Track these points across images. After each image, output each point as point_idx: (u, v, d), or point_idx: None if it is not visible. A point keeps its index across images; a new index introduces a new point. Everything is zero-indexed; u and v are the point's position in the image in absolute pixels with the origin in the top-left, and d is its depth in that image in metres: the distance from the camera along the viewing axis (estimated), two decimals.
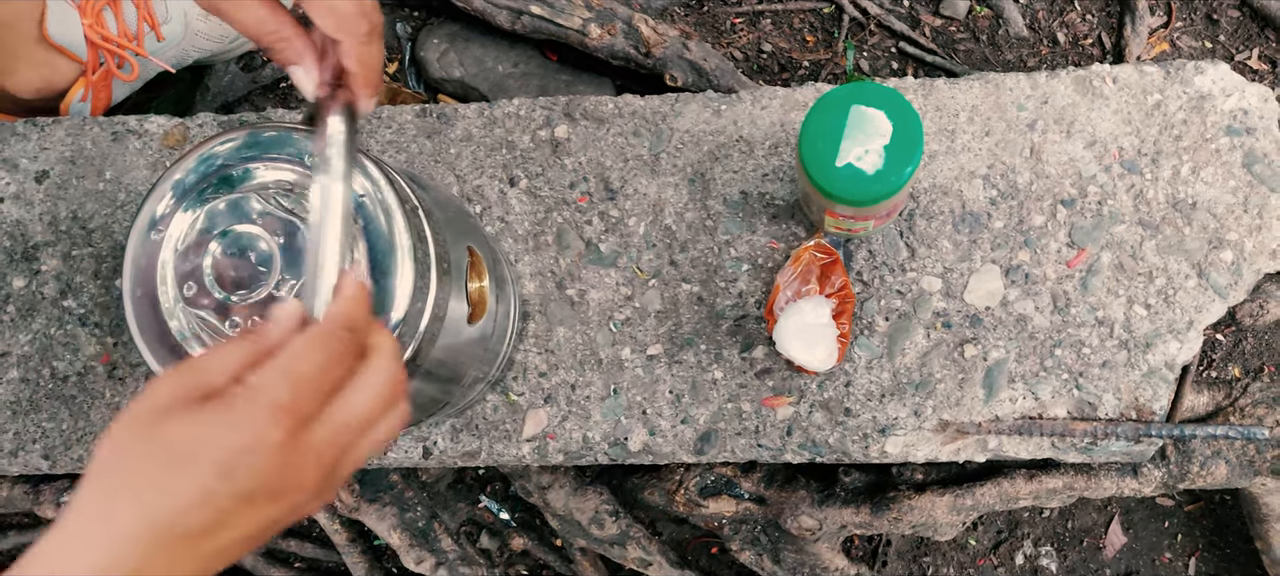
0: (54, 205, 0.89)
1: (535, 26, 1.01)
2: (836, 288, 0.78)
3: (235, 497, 0.43)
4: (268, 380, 0.44)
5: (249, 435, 0.43)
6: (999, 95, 0.82)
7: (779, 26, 1.10)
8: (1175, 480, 0.86)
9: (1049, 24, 1.07)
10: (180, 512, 0.42)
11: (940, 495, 0.89)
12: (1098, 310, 0.80)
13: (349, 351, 0.47)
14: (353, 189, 0.54)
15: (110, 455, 0.43)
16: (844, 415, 0.81)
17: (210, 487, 0.42)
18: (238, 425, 0.43)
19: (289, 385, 0.44)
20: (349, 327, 0.48)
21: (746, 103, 0.85)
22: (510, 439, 0.84)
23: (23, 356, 0.87)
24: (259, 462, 0.43)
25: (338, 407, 0.46)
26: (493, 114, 0.87)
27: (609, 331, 0.83)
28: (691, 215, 0.84)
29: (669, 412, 0.82)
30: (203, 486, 0.42)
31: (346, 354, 0.47)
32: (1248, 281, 0.79)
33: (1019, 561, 1.08)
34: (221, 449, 0.43)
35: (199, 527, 0.42)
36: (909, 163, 0.69)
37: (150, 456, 0.43)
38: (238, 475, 0.43)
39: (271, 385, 0.44)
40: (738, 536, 0.97)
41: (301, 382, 0.45)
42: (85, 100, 0.95)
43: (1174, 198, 0.80)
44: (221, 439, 0.43)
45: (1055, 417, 0.79)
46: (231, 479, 0.43)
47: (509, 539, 1.07)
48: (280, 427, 0.44)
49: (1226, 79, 0.81)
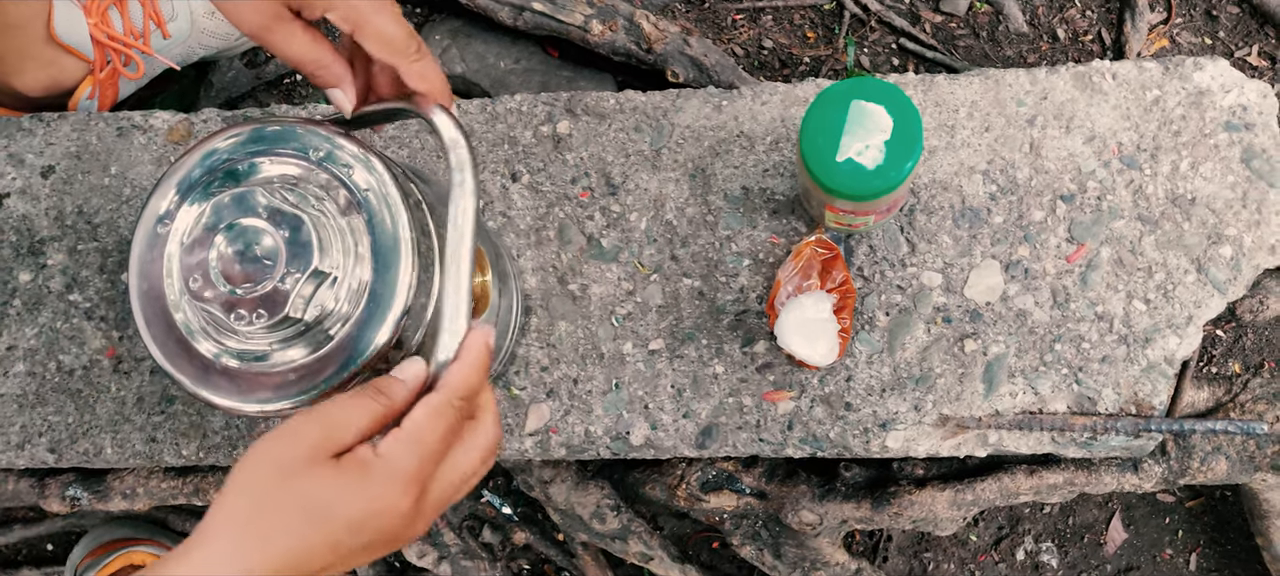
0: (60, 200, 0.89)
1: (537, 23, 1.01)
2: (837, 283, 0.78)
3: (358, 549, 0.49)
4: (398, 453, 0.50)
5: (383, 503, 0.49)
6: (999, 91, 0.83)
7: (780, 23, 1.10)
8: (1176, 476, 0.86)
9: (1049, 20, 1.08)
10: (308, 558, 0.48)
11: (941, 490, 0.89)
12: (1097, 305, 0.80)
13: (466, 418, 0.53)
14: (469, 202, 0.57)
15: (247, 494, 0.48)
16: (845, 410, 0.81)
17: (340, 541, 0.48)
18: (373, 494, 0.49)
19: (418, 457, 0.50)
20: (468, 398, 0.53)
21: (747, 98, 0.85)
22: (512, 433, 0.84)
23: (29, 350, 0.88)
24: (387, 524, 0.49)
25: (450, 467, 0.52)
26: (494, 109, 0.87)
27: (610, 326, 0.84)
28: (693, 210, 0.84)
29: (670, 407, 0.83)
30: (334, 540, 0.48)
31: (464, 421, 0.53)
32: (1247, 277, 0.80)
33: (1020, 557, 1.08)
34: (357, 512, 0.48)
35: (320, 568, 0.48)
36: (909, 158, 0.69)
37: (288, 509, 0.48)
38: (366, 532, 0.49)
39: (402, 457, 0.50)
40: (739, 531, 0.97)
41: (428, 455, 0.50)
42: (92, 99, 0.96)
43: (1173, 193, 0.80)
44: (358, 503, 0.48)
45: (1055, 412, 0.80)
46: (360, 534, 0.49)
47: (511, 533, 1.08)
48: (409, 497, 0.49)
49: (1225, 75, 0.81)
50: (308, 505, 0.47)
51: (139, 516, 1.09)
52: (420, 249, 0.60)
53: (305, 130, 0.61)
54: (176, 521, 1.09)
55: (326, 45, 0.60)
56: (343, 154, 0.60)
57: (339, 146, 0.60)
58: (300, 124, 0.61)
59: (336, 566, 0.49)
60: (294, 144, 0.60)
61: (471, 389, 0.53)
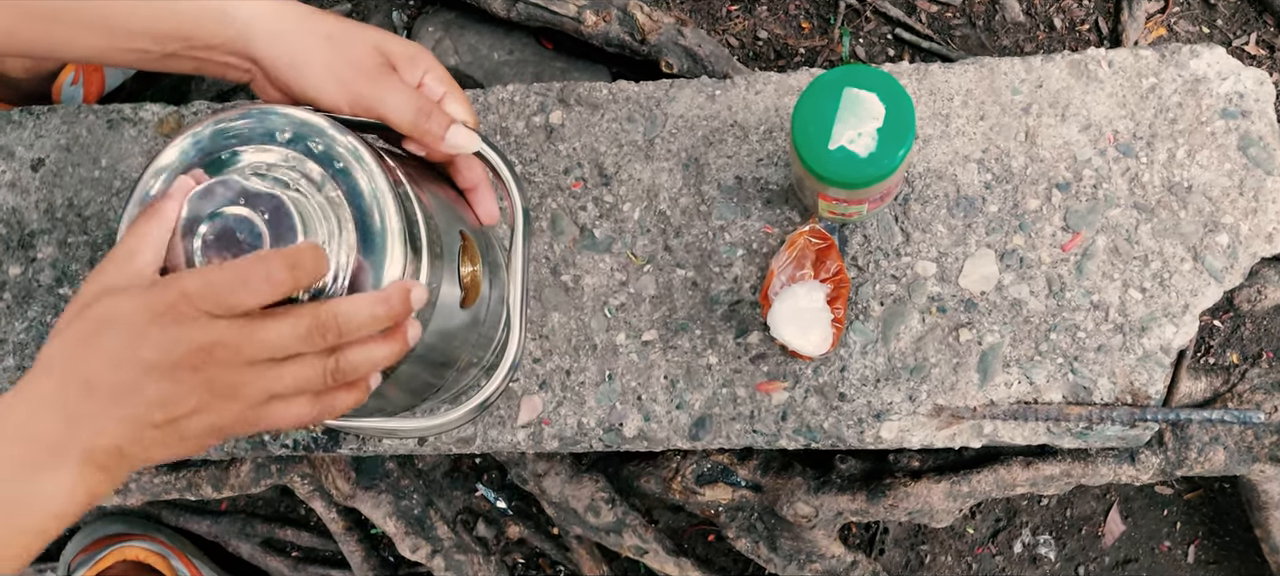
0: (50, 193, 0.89)
1: (530, 14, 1.01)
2: (831, 272, 0.78)
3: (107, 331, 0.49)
4: (188, 273, 0.51)
5: (144, 298, 0.49)
6: (993, 79, 0.82)
7: (774, 13, 1.09)
8: (1173, 467, 0.86)
9: (1045, 9, 1.07)
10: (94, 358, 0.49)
11: (936, 482, 0.89)
12: (1093, 294, 0.79)
13: (326, 348, 0.52)
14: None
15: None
16: (839, 400, 0.81)
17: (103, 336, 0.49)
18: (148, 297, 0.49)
19: (204, 278, 0.50)
20: (288, 266, 0.51)
21: (741, 88, 0.85)
22: (505, 425, 0.84)
23: (19, 344, 0.87)
24: (127, 308, 0.49)
25: (259, 329, 0.51)
26: (486, 100, 0.87)
27: (603, 317, 0.83)
28: (686, 200, 0.84)
29: (664, 398, 0.82)
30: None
31: (316, 334, 0.52)
32: (1244, 265, 0.79)
33: (1017, 549, 1.08)
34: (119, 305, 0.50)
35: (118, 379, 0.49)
36: (902, 145, 0.68)
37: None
38: (104, 312, 0.49)
39: (189, 276, 0.50)
40: (734, 524, 0.97)
41: (223, 287, 0.49)
42: (76, 84, 0.95)
43: (1169, 181, 0.80)
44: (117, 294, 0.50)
45: (1050, 402, 0.79)
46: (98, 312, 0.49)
47: (505, 527, 1.07)
48: (168, 292, 0.49)
49: (1222, 62, 0.81)
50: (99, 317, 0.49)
51: (132, 512, 1.08)
52: (408, 238, 0.59)
53: (283, 115, 0.60)
54: (170, 516, 1.09)
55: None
56: (322, 137, 0.59)
57: (316, 130, 0.60)
58: (276, 108, 0.60)
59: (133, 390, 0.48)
60: (275, 131, 0.60)
61: (354, 314, 0.53)
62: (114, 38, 0.60)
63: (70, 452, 0.48)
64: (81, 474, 0.49)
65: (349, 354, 0.54)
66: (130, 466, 0.50)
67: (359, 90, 0.60)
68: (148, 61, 0.61)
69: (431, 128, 0.62)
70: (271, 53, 0.60)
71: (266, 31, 0.60)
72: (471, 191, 0.69)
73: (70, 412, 0.48)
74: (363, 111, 0.61)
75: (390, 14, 1.12)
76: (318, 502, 1.00)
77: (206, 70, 0.63)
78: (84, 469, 0.49)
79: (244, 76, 0.62)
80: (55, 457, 0.48)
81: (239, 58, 0.61)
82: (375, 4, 1.13)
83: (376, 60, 0.61)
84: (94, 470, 0.49)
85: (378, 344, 0.55)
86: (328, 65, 0.60)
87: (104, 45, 0.60)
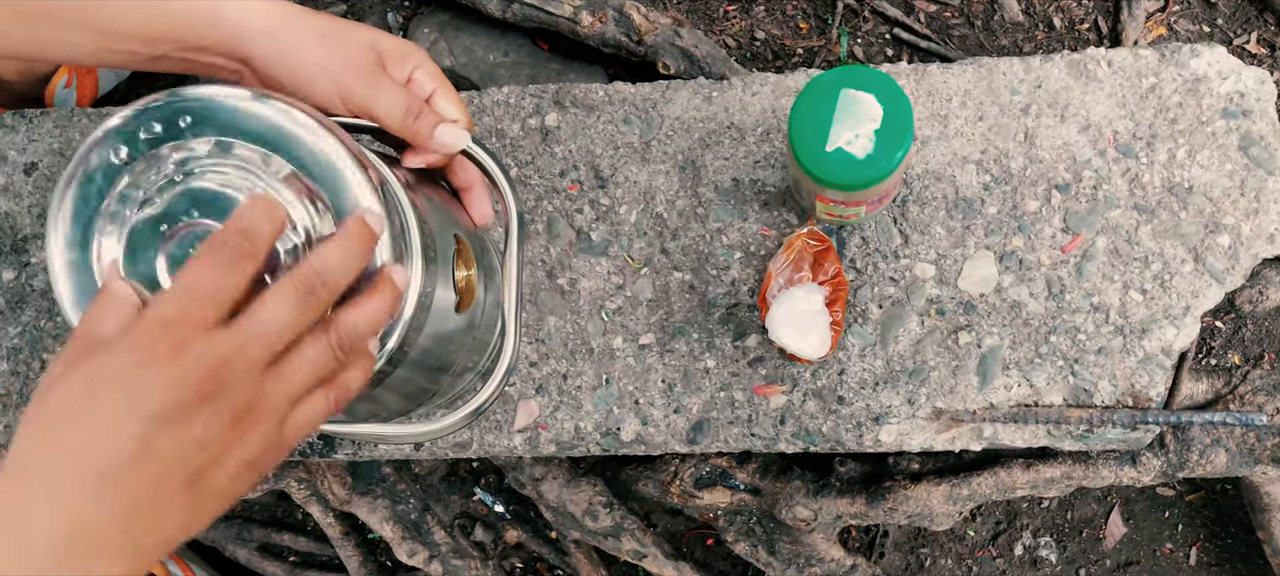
0: (43, 197, 0.88)
1: (526, 15, 1.00)
2: (829, 275, 0.77)
3: (121, 415, 0.43)
4: (161, 297, 0.45)
5: (134, 352, 0.43)
6: (992, 79, 0.82)
7: (772, 13, 1.09)
8: (1174, 469, 0.85)
9: (1044, 9, 1.06)
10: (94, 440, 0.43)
11: (936, 485, 0.88)
12: (1093, 296, 0.79)
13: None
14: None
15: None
16: (837, 403, 0.80)
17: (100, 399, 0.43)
18: (129, 343, 0.44)
19: (177, 300, 0.44)
20: (243, 232, 0.47)
21: (737, 89, 0.84)
22: (502, 429, 0.83)
23: (12, 349, 0.87)
24: (123, 370, 0.43)
25: (254, 323, 0.46)
26: (482, 102, 0.86)
27: (600, 320, 0.83)
28: (683, 203, 0.83)
29: (661, 402, 0.82)
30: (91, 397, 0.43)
31: (304, 304, 0.47)
32: (1245, 266, 0.78)
33: (1018, 552, 1.07)
34: (111, 366, 0.43)
35: (109, 449, 0.42)
36: (899, 147, 0.68)
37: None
38: (111, 384, 0.43)
39: (163, 301, 0.44)
40: (733, 527, 0.96)
41: (200, 297, 0.45)
42: (70, 87, 0.95)
43: (1170, 181, 0.79)
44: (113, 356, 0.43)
45: (1051, 405, 0.79)
46: (104, 385, 0.43)
47: (503, 531, 1.07)
48: (163, 342, 0.43)
49: (1223, 62, 0.80)
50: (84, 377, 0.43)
51: None
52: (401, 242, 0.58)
53: (187, 99, 0.55)
54: None
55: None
56: (267, 119, 0.56)
57: (270, 111, 0.56)
58: (225, 91, 0.57)
59: (130, 459, 0.42)
60: (214, 113, 0.56)
61: (328, 258, 0.48)
62: (104, 39, 0.59)
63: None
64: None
65: (345, 317, 0.50)
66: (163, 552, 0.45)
67: (352, 89, 0.59)
68: (138, 62, 0.60)
69: (420, 127, 0.61)
70: (263, 51, 0.59)
71: (258, 30, 0.59)
72: (466, 191, 0.69)
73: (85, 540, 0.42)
74: (355, 110, 0.60)
75: (385, 15, 1.11)
76: (314, 507, 1.00)
77: (196, 71, 0.62)
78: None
79: (234, 77, 0.62)
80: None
81: (229, 58, 0.60)
82: (370, 5, 1.12)
83: (370, 59, 0.61)
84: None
85: (369, 299, 0.52)
86: (320, 63, 0.59)
87: (94, 46, 0.59)
